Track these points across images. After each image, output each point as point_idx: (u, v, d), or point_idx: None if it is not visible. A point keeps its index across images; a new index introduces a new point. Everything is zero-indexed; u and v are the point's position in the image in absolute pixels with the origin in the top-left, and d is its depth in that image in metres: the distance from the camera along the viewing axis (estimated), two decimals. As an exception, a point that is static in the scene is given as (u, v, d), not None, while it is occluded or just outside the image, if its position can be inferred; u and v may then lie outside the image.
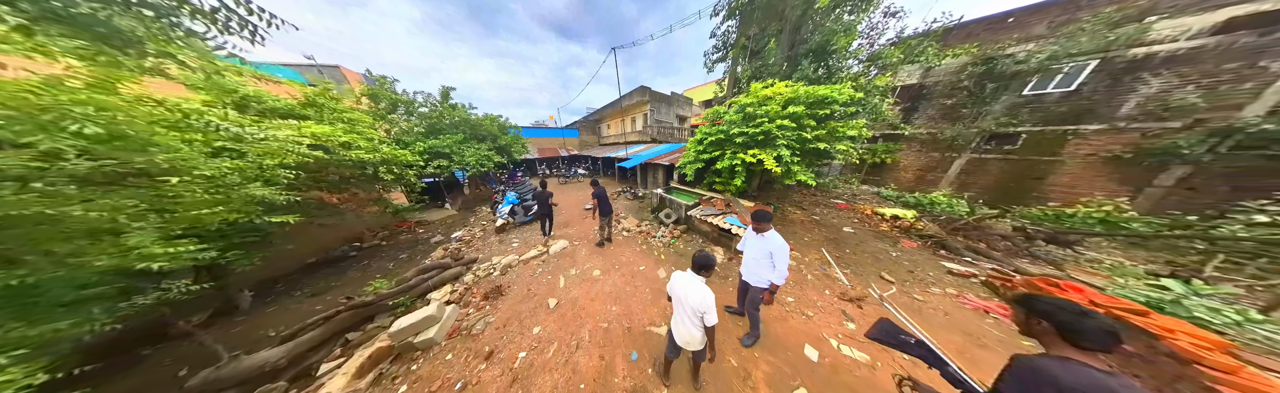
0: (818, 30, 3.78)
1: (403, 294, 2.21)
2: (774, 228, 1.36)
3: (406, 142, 4.88)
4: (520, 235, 3.84)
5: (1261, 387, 1.15)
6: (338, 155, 2.49)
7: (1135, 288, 1.97)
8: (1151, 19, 3.43)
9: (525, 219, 4.33)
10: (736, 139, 2.90)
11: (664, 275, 2.46)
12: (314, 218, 2.77)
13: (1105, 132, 3.69)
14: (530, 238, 3.67)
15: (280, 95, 2.57)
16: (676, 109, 9.27)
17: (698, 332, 1.00)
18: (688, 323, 1.00)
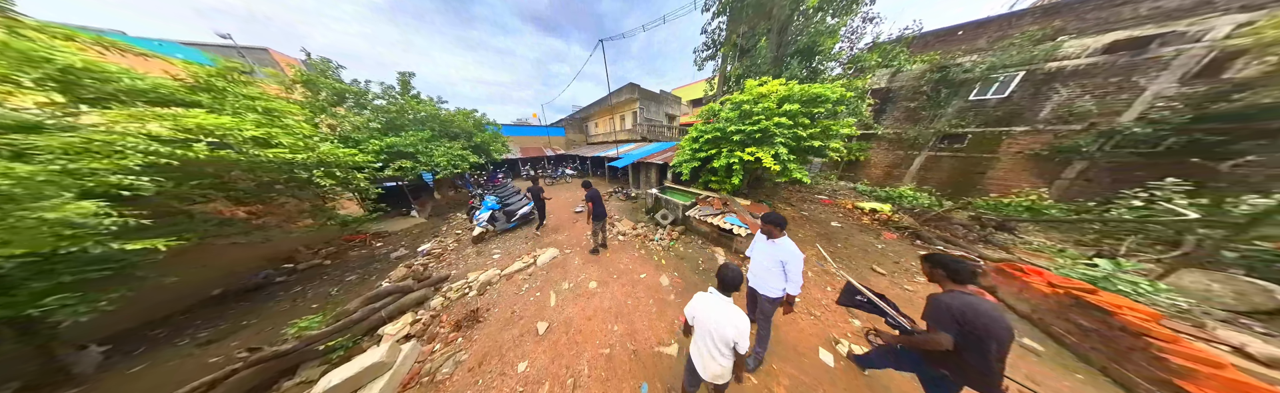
0: (804, 31, 3.92)
1: (341, 333, 1.68)
2: (786, 234, 1.20)
3: (358, 139, 4.08)
4: (502, 245, 3.34)
5: (1198, 354, 1.28)
6: (249, 155, 1.88)
7: (1073, 268, 2.20)
8: (1062, 38, 4.05)
9: (508, 226, 3.81)
10: (733, 137, 2.87)
11: (666, 283, 2.23)
12: (214, 237, 2.08)
13: (1029, 133, 4.35)
14: (514, 248, 3.21)
15: (159, 74, 1.81)
16: (665, 108, 9.08)
17: (727, 362, 0.82)
18: (715, 353, 0.82)
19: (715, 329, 0.79)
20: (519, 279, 2.44)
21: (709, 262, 2.58)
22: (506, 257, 2.96)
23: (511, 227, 3.85)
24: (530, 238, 3.49)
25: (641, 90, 7.83)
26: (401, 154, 4.34)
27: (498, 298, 2.17)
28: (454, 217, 4.95)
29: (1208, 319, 1.80)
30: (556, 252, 2.94)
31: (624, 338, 1.64)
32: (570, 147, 11.74)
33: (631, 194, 5.61)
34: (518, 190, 4.98)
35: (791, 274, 1.14)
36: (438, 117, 5.16)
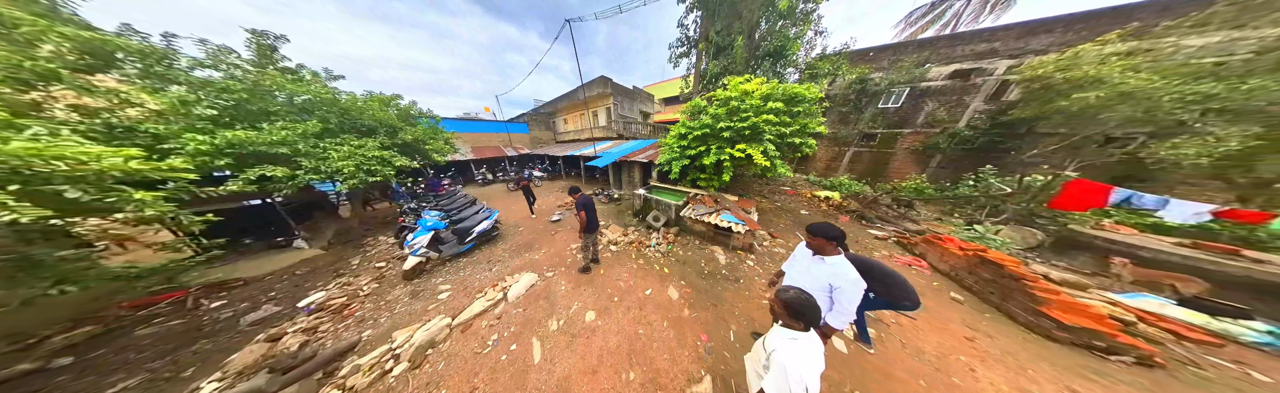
0: (773, 36, 4.17)
1: None
2: (843, 252, 0.91)
3: (156, 133, 2.28)
4: (453, 277, 2.37)
5: (1044, 286, 1.71)
6: None
7: (959, 233, 2.88)
8: (928, 65, 5.51)
9: (460, 249, 2.78)
10: (723, 134, 2.79)
11: (676, 296, 1.86)
12: None
13: (911, 133, 5.79)
14: (471, 279, 2.30)
15: None
16: (639, 105, 8.65)
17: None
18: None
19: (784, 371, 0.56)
20: (481, 329, 1.64)
21: (711, 263, 2.36)
22: (460, 294, 2.07)
23: (466, 249, 2.83)
24: (495, 261, 2.62)
25: (614, 85, 7.22)
26: (264, 157, 2.69)
27: (447, 368, 1.36)
28: (374, 242, 3.51)
29: (1021, 259, 2.48)
30: (534, 277, 2.21)
31: (644, 387, 1.18)
32: (536, 145, 10.19)
33: (614, 196, 5.09)
34: (473, 200, 3.87)
35: (841, 303, 0.86)
36: (332, 101, 3.33)
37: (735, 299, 1.82)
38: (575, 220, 3.39)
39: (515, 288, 2.01)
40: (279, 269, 2.83)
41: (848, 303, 0.86)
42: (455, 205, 3.57)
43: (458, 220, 2.98)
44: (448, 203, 3.75)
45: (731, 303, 1.78)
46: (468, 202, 3.78)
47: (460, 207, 3.54)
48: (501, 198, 5.75)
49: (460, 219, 3.02)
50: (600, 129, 7.66)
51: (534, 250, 2.83)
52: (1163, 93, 2.90)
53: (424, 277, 2.43)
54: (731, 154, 2.66)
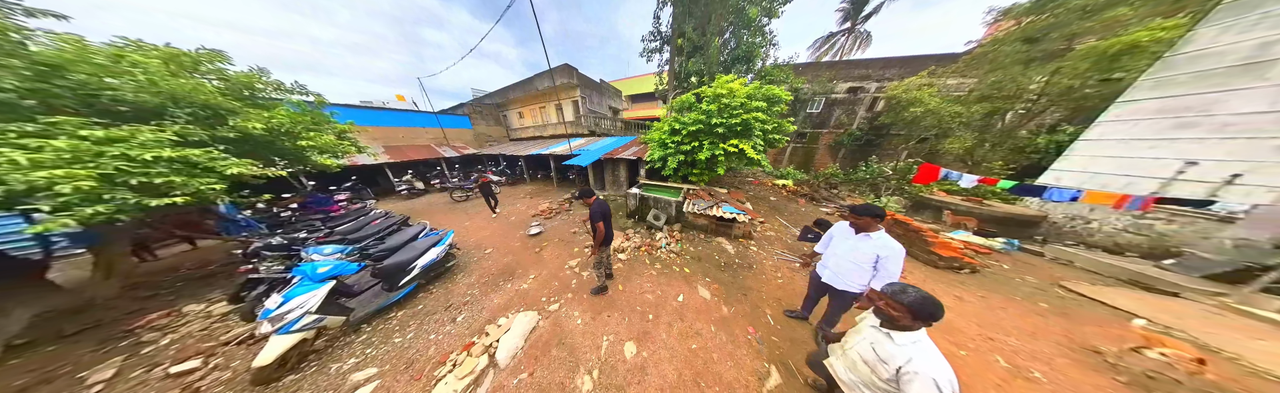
0: (740, 43, 4.65)
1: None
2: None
3: None
4: (380, 351, 1.40)
5: (930, 233, 2.45)
6: None
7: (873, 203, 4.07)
8: (836, 82, 7.49)
9: (390, 300, 1.70)
10: (717, 129, 2.82)
11: (709, 296, 1.74)
12: None
13: (826, 133, 7.73)
14: (419, 345, 1.41)
15: None
16: (608, 100, 8.11)
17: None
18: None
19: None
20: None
21: (723, 254, 2.36)
22: (401, 380, 1.20)
23: (400, 297, 1.76)
24: (461, 304, 1.75)
25: (581, 76, 6.47)
26: None
27: None
28: (172, 320, 1.76)
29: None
30: (532, 317, 1.57)
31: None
32: (484, 143, 8.28)
33: (599, 198, 4.59)
34: (403, 220, 2.68)
35: (888, 270, 0.97)
36: (55, 58, 1.42)
37: (757, 285, 1.86)
38: (559, 233, 2.84)
39: (507, 341, 1.31)
40: None
41: (894, 268, 0.97)
42: (371, 231, 2.33)
43: (381, 254, 1.88)
44: (353, 228, 2.45)
45: (756, 290, 1.81)
46: (392, 224, 2.55)
47: (382, 232, 2.35)
48: (444, 213, 4.25)
49: (388, 252, 1.90)
50: (567, 125, 6.72)
51: (518, 277, 2.07)
52: (943, 111, 4.93)
53: (309, 369, 1.27)
54: (725, 149, 2.76)
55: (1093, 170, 2.72)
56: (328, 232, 2.41)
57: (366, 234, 2.30)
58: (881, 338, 0.60)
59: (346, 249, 1.90)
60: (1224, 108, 2.14)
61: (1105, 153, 2.68)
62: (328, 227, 2.57)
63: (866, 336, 0.65)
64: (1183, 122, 2.31)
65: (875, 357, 0.60)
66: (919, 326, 0.56)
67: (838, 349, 0.72)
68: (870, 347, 0.62)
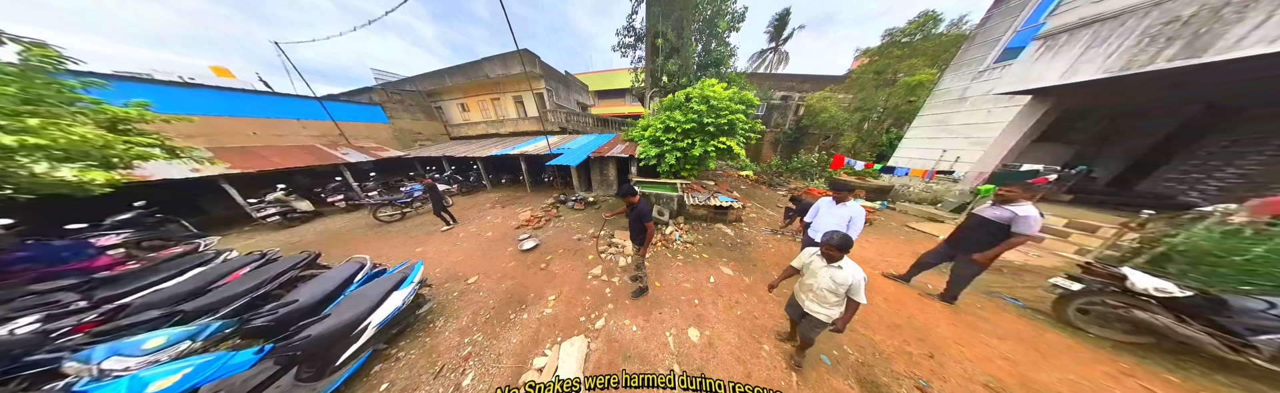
0: (709, 50, 5.01)
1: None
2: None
3: None
4: None
5: (818, 191, 3.82)
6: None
7: (814, 185, 5.48)
8: (773, 91, 9.13)
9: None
10: (709, 128, 3.13)
11: (732, 272, 2.02)
12: None
13: (769, 131, 9.07)
14: None
15: None
16: (575, 94, 7.45)
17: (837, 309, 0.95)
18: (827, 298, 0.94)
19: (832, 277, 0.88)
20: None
21: (726, 237, 2.64)
22: None
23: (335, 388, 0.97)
24: (461, 362, 1.23)
25: (545, 66, 5.58)
26: None
27: None
28: None
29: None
30: (580, 342, 1.32)
31: (779, 349, 1.27)
32: (413, 143, 6.37)
33: (589, 199, 4.50)
34: (303, 262, 1.64)
35: (857, 226, 1.47)
36: None
37: (759, 256, 2.31)
38: (559, 242, 2.46)
39: (567, 370, 1.01)
40: None
41: (860, 224, 1.48)
42: (242, 289, 1.33)
43: (292, 321, 1.08)
44: (190, 289, 1.36)
45: (760, 259, 2.24)
46: (286, 271, 1.52)
47: (266, 285, 1.38)
48: (372, 241, 2.99)
49: (303, 315, 1.12)
50: (530, 121, 5.93)
51: (533, 303, 1.68)
52: (839, 117, 7.07)
53: None
54: (715, 146, 3.17)
55: (910, 157, 4.52)
56: (109, 310, 1.18)
57: (235, 294, 1.28)
58: (834, 271, 0.89)
59: (208, 329, 1.01)
60: (953, 120, 3.98)
61: (915, 146, 4.48)
62: (102, 297, 1.29)
63: (823, 275, 0.92)
64: (940, 128, 4.14)
65: (834, 284, 0.89)
66: (844, 254, 0.89)
67: (805, 292, 1.00)
68: (829, 279, 0.90)
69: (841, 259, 0.90)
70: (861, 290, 0.88)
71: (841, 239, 0.88)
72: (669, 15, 4.56)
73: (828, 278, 0.91)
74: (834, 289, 0.91)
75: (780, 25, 9.53)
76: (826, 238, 0.90)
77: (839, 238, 0.88)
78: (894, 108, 6.45)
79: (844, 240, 0.88)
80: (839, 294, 0.91)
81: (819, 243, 0.91)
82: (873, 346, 1.32)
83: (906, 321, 1.49)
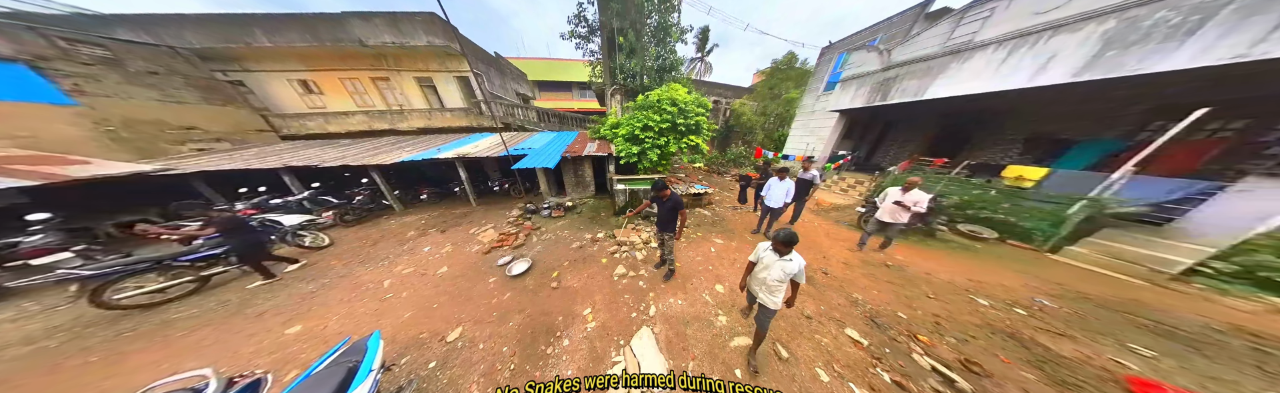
0: (661, 55, 5.36)
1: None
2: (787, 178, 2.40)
3: None
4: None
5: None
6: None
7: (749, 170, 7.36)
8: (706, 96, 10.90)
9: None
10: (681, 128, 3.63)
11: (722, 241, 2.55)
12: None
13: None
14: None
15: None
16: (512, 83, 6.23)
17: (780, 296, 1.07)
18: (774, 286, 1.06)
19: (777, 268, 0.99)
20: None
21: (705, 217, 3.20)
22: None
23: None
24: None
25: (466, 41, 4.14)
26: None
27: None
28: None
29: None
30: (645, 332, 1.38)
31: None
32: (176, 144, 3.49)
33: (568, 204, 4.24)
34: None
35: (794, 192, 2.35)
36: None
37: (733, 226, 2.99)
38: (557, 255, 2.26)
39: (650, 366, 1.10)
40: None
41: (795, 192, 2.31)
42: None
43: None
44: None
45: (734, 229, 2.91)
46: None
47: None
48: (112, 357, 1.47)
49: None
50: (455, 114, 4.60)
51: (568, 325, 1.50)
52: (753, 119, 9.78)
53: None
54: (686, 143, 3.78)
55: (794, 147, 6.96)
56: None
57: None
58: (785, 264, 0.98)
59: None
60: (810, 124, 6.52)
61: (794, 141, 6.92)
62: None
63: (775, 268, 1.00)
64: (804, 129, 6.65)
65: (784, 275, 0.99)
66: (792, 248, 0.97)
67: (758, 286, 1.08)
68: (781, 271, 0.99)
69: (790, 253, 0.98)
70: (803, 273, 0.98)
71: (788, 236, 0.92)
72: (624, 15, 4.67)
73: (779, 270, 1.00)
74: (782, 279, 1.01)
75: (703, 38, 11.29)
76: (775, 235, 0.96)
77: (784, 235, 0.92)
78: (781, 114, 9.46)
79: (789, 237, 0.92)
80: (784, 281, 1.01)
81: (769, 237, 1.00)
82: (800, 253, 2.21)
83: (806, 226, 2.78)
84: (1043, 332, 1.47)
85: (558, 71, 10.29)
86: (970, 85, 3.25)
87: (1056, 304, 1.73)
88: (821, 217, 3.55)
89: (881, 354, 1.33)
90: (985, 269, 2.16)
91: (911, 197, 2.01)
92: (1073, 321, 1.57)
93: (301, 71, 4.15)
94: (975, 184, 3.18)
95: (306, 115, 4.22)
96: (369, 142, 4.14)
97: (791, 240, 0.97)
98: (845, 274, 2.05)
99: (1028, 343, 1.40)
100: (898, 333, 1.46)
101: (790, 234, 0.96)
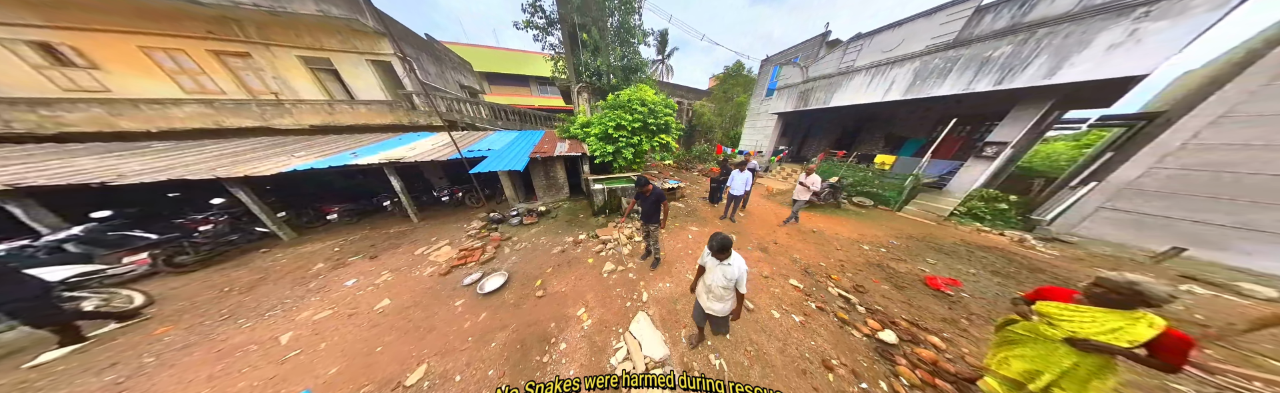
0: (624, 55, 5.38)
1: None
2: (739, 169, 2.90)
3: None
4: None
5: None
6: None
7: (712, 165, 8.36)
8: (671, 98, 11.39)
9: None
10: (651, 127, 3.87)
11: (697, 228, 2.97)
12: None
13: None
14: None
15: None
16: (454, 73, 5.30)
17: (728, 303, 1.07)
18: (720, 293, 1.05)
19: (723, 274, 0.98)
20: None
21: (682, 209, 3.60)
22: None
23: None
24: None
25: (389, 21, 3.13)
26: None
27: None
28: None
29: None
30: (642, 317, 1.57)
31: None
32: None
33: (541, 209, 3.89)
34: None
35: (750, 182, 2.87)
36: None
37: (704, 215, 3.41)
38: (536, 264, 2.22)
39: (651, 349, 1.29)
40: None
41: (752, 181, 2.92)
42: None
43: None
44: None
45: (706, 217, 3.34)
46: None
47: None
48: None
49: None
50: (375, 108, 3.69)
51: (566, 327, 1.53)
52: (712, 119, 10.92)
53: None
54: (658, 142, 4.08)
55: (747, 144, 8.29)
56: None
57: None
58: (724, 268, 0.99)
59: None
60: (757, 124, 7.84)
61: (747, 139, 8.28)
62: None
63: (715, 272, 1.01)
64: (753, 128, 7.99)
65: (726, 280, 0.99)
66: (728, 254, 0.95)
67: (706, 293, 1.09)
68: (722, 276, 0.99)
69: (730, 256, 0.98)
70: (744, 282, 0.96)
71: (721, 241, 0.87)
72: (585, 11, 4.41)
73: (721, 275, 1.00)
74: (726, 284, 1.00)
75: (663, 42, 11.71)
76: (709, 243, 0.94)
77: (717, 241, 0.87)
78: (734, 115, 10.82)
79: (722, 241, 0.88)
80: (729, 287, 1.00)
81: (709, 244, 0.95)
82: (751, 222, 2.81)
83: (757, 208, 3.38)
84: (892, 260, 2.34)
85: (512, 64, 9.03)
86: (854, 98, 4.54)
87: (899, 243, 2.73)
88: (770, 200, 4.40)
89: (811, 292, 1.88)
90: (866, 227, 3.17)
91: (811, 179, 2.73)
92: (906, 251, 2.54)
93: (41, 27, 2.50)
94: (860, 169, 4.51)
95: (58, 102, 2.59)
96: (218, 144, 2.89)
97: (725, 245, 0.95)
98: (788, 242, 2.69)
99: (885, 268, 2.21)
100: (820, 276, 2.09)
101: (723, 239, 0.93)
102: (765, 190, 4.91)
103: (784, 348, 1.39)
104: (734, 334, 1.45)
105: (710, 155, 9.10)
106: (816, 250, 2.55)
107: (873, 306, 1.77)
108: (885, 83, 4.04)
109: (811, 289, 1.93)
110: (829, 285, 1.99)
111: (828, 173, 4.29)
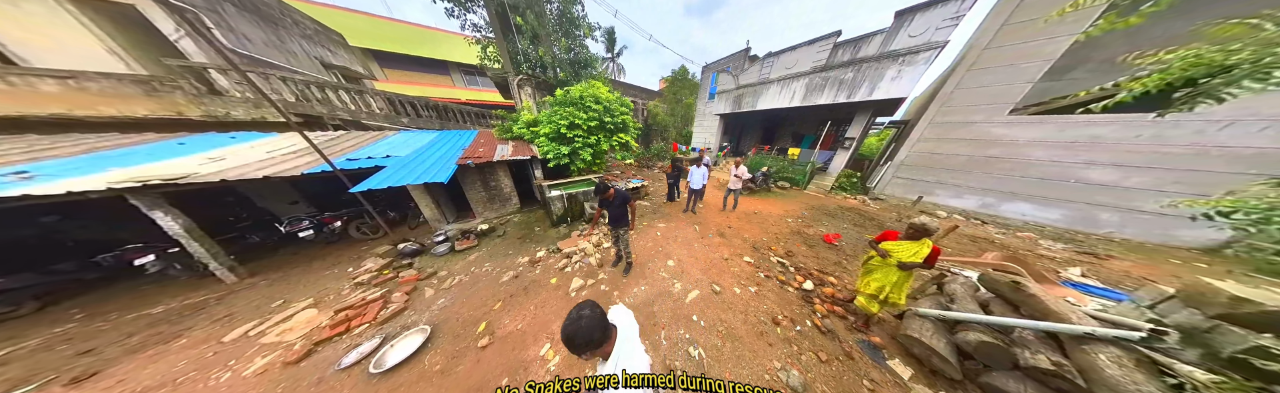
0: (575, 50, 5.01)
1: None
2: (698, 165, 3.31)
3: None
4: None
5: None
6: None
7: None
8: (631, 98, 11.24)
9: None
10: (609, 126, 3.76)
11: (664, 225, 3.09)
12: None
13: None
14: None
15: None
16: (311, 46, 3.71)
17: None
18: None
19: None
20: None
21: (646, 208, 3.74)
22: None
23: None
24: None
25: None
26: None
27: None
28: None
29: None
30: (626, 312, 1.11)
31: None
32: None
33: (483, 228, 3.07)
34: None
35: (707, 176, 3.27)
36: None
37: (668, 211, 3.61)
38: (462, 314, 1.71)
39: (634, 362, 0.92)
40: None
41: (708, 175, 3.36)
42: None
43: None
44: None
45: (670, 212, 3.53)
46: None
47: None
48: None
49: None
50: (101, 86, 2.15)
51: (530, 366, 1.32)
52: (665, 119, 11.59)
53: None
54: (616, 141, 4.00)
55: (698, 142, 9.37)
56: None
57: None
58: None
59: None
60: (704, 124, 8.88)
61: (697, 137, 9.31)
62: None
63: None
64: (701, 128, 9.05)
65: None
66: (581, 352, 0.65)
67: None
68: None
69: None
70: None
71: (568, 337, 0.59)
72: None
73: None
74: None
75: (611, 39, 11.29)
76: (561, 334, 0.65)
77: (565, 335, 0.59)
78: (685, 115, 11.76)
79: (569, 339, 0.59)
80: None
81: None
82: (708, 212, 3.32)
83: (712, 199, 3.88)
84: (805, 227, 3.16)
85: (418, 44, 6.86)
86: (772, 102, 5.80)
87: (808, 213, 3.69)
88: (720, 190, 5.07)
89: (759, 264, 2.33)
90: (787, 204, 4.11)
91: (740, 171, 3.29)
92: (811, 219, 3.46)
93: None
94: (779, 159, 5.85)
95: None
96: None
97: (702, 158, 1.50)
98: (739, 226, 3.21)
99: (802, 234, 2.96)
100: (763, 249, 2.61)
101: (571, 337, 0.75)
102: (717, 182, 5.61)
103: (746, 319, 1.63)
104: (706, 319, 1.64)
105: (668, 153, 9.79)
106: (759, 229, 3.14)
107: (799, 264, 2.34)
108: (790, 92, 5.37)
109: (761, 262, 2.38)
110: (770, 256, 2.50)
111: (758, 164, 5.32)
